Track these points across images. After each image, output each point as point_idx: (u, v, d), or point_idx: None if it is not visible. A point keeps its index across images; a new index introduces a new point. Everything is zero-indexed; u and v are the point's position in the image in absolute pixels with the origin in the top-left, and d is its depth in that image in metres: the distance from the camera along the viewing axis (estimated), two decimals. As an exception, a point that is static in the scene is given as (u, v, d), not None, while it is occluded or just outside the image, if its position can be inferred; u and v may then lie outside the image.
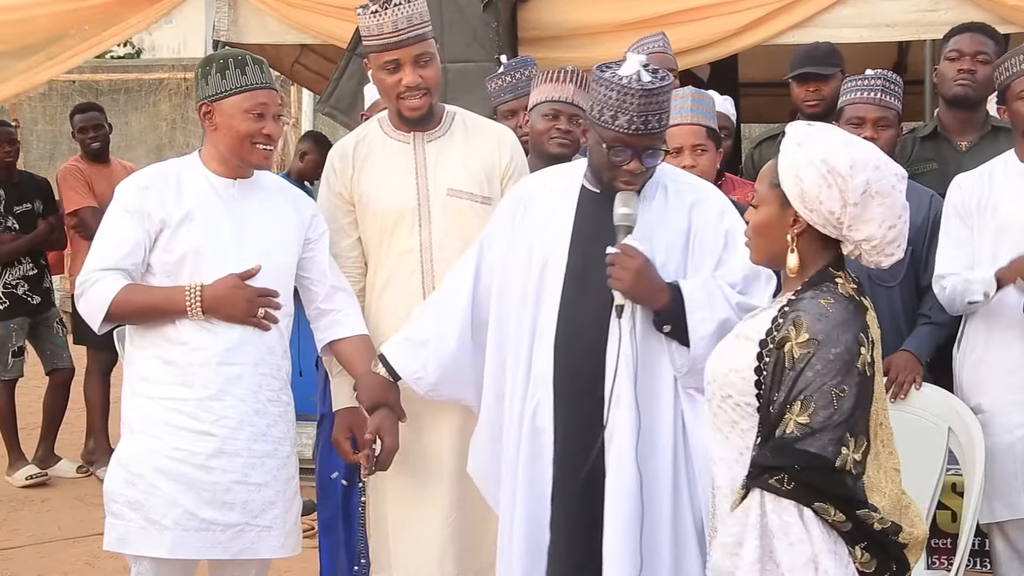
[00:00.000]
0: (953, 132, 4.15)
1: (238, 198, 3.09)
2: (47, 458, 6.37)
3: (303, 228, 3.19)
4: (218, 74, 3.01)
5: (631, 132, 2.71)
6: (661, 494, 2.74)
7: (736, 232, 2.81)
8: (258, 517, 3.04)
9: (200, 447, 2.97)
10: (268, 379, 3.07)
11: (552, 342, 2.81)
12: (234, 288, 2.98)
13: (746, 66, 6.40)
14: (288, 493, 3.13)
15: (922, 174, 4.08)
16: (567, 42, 5.01)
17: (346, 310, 3.23)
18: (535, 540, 2.81)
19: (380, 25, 3.16)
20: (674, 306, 2.73)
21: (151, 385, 3.01)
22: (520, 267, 2.91)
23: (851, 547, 2.19)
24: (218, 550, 3.00)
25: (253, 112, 3.01)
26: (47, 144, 13.11)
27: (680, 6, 5.05)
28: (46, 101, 12.73)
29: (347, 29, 5.30)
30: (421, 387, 3.08)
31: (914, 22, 4.89)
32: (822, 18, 4.97)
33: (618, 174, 2.76)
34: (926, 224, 3.70)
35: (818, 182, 2.25)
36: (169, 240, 2.99)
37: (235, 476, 3.00)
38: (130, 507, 2.97)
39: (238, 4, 5.71)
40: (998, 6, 4.70)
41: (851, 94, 3.74)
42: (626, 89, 2.68)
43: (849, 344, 2.21)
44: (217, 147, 3.07)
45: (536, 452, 2.82)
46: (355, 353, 3.18)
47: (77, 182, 6.23)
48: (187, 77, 12.71)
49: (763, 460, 2.22)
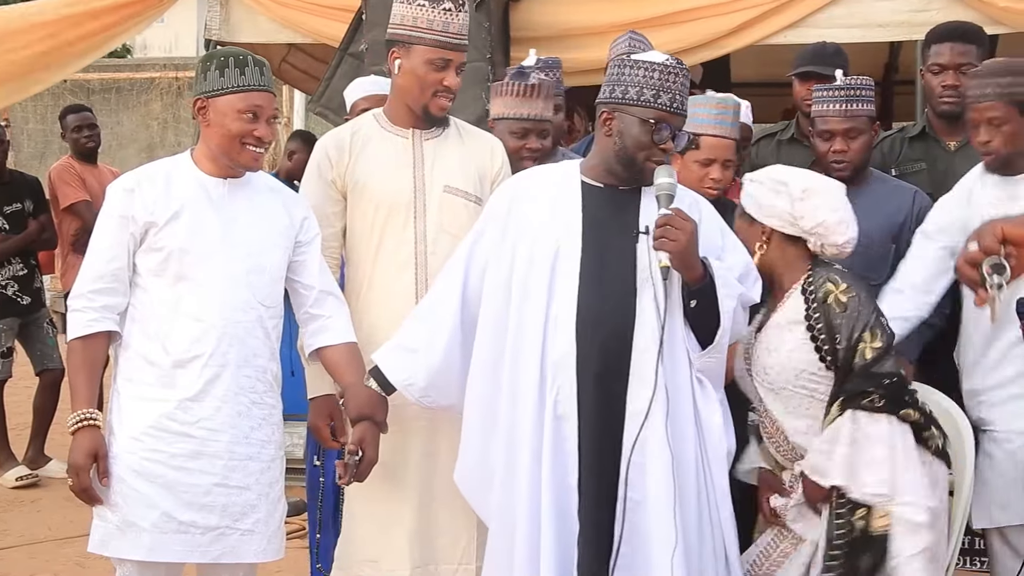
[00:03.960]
0: (942, 132, 4.16)
1: (227, 197, 3.07)
2: (37, 458, 6.35)
3: (294, 230, 3.17)
4: (217, 71, 3.00)
5: (673, 109, 2.85)
6: (687, 473, 2.83)
7: (728, 232, 3.05)
8: (239, 521, 3.01)
9: (179, 448, 2.94)
10: (252, 381, 3.05)
11: (573, 329, 2.84)
12: (75, 465, 2.89)
13: (738, 66, 6.41)
14: (271, 496, 3.10)
15: (911, 174, 4.10)
16: (559, 43, 5.01)
17: (335, 316, 3.21)
18: (567, 530, 2.82)
19: (446, 23, 3.23)
20: (706, 281, 2.84)
21: (133, 386, 2.99)
22: (521, 262, 2.92)
23: (923, 433, 2.92)
24: (197, 553, 2.98)
25: (246, 113, 3.00)
26: (38, 143, 13.09)
27: (673, 7, 5.06)
28: (37, 100, 12.69)
29: (338, 28, 5.31)
30: (412, 393, 3.09)
31: (905, 22, 4.91)
32: (814, 19, 4.99)
33: (653, 153, 2.87)
34: (910, 220, 3.73)
35: (768, 194, 3.10)
36: (155, 239, 2.98)
37: (215, 479, 2.97)
38: (110, 508, 2.95)
39: (230, 3, 5.71)
40: (988, 7, 4.71)
41: (819, 104, 3.75)
42: (669, 68, 2.84)
43: (868, 289, 3.09)
44: (208, 144, 3.06)
45: (560, 441, 2.84)
46: (342, 361, 3.16)
47: (71, 177, 6.31)
48: (178, 76, 12.71)
49: (855, 387, 2.91)
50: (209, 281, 2.99)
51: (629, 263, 2.87)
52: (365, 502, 3.33)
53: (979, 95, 3.47)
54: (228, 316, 3.00)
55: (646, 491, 2.78)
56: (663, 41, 4.44)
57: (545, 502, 2.82)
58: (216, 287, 2.99)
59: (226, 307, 3.00)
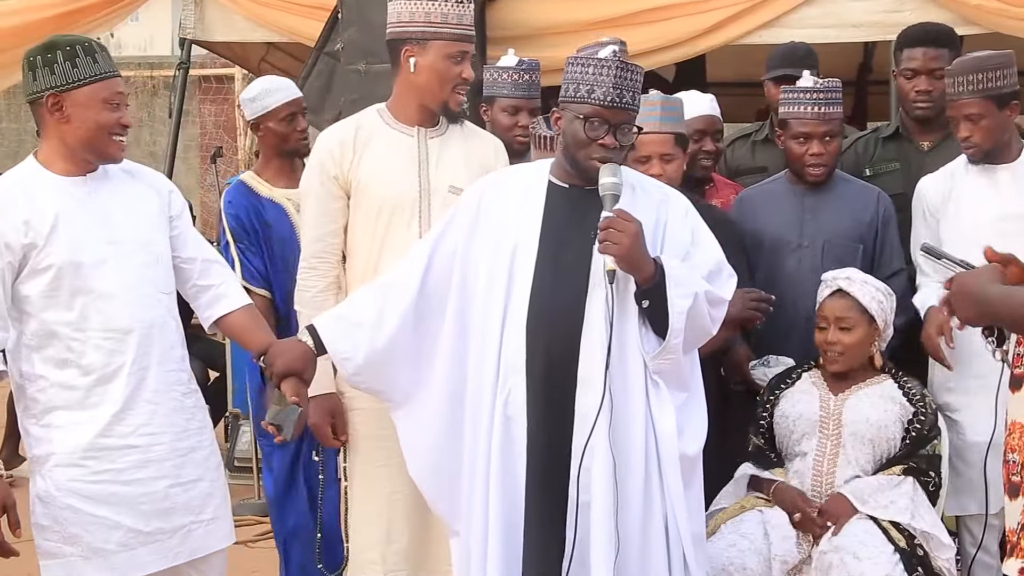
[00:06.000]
0: (915, 133, 4.18)
1: (95, 195, 2.91)
2: (11, 459, 6.30)
3: (165, 207, 3.04)
4: (67, 62, 2.81)
5: (607, 104, 2.78)
6: (633, 478, 2.77)
7: (701, 228, 2.98)
8: (200, 513, 2.98)
9: (125, 462, 2.87)
10: (177, 374, 2.98)
11: (524, 329, 2.82)
12: None
13: (714, 66, 6.43)
14: (220, 481, 3.08)
15: (885, 174, 4.12)
16: (535, 41, 5.01)
17: (226, 282, 3.13)
18: (515, 531, 2.81)
19: (460, 16, 3.21)
20: (656, 280, 2.77)
21: (53, 415, 2.85)
22: (485, 258, 2.91)
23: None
24: (170, 557, 2.93)
25: (112, 102, 2.86)
26: (12, 142, 12.99)
27: (647, 5, 5.07)
28: (11, 99, 12.59)
29: (314, 27, 5.29)
30: (346, 368, 3.01)
31: (879, 23, 4.92)
32: (789, 18, 5.00)
33: (593, 150, 2.81)
34: (875, 221, 3.79)
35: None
36: (38, 260, 2.80)
37: (168, 480, 2.92)
38: (67, 542, 2.84)
39: (204, 1, 5.69)
40: (961, 6, 4.74)
41: (794, 107, 3.75)
42: (601, 62, 2.79)
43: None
44: (64, 141, 2.87)
45: (508, 442, 2.82)
46: (250, 325, 3.10)
47: None
48: (153, 75, 12.63)
49: (925, 466, 3.41)
50: (109, 287, 2.86)
51: (584, 264, 2.82)
52: (365, 501, 3.29)
53: (955, 92, 3.53)
54: (140, 317, 2.89)
55: (592, 495, 2.75)
56: (637, 40, 4.46)
57: (493, 503, 2.80)
58: (118, 292, 2.87)
59: (135, 309, 2.89)
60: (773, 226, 3.83)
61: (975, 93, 3.49)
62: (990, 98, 3.50)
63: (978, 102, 3.50)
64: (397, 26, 3.26)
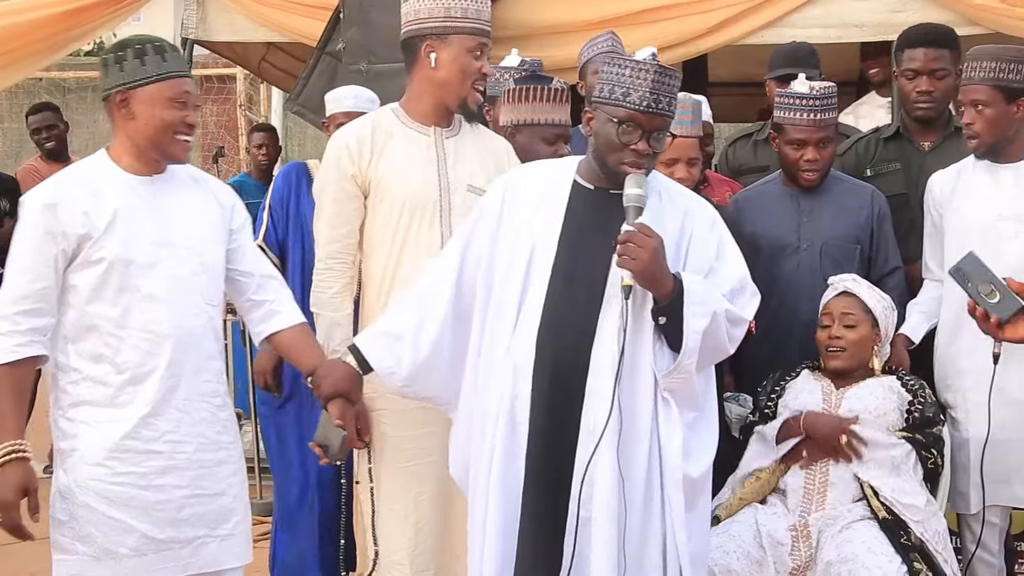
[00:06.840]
0: (916, 133, 4.18)
1: (158, 196, 2.93)
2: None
3: (227, 219, 3.05)
4: (136, 60, 2.85)
5: (642, 109, 2.72)
6: (634, 497, 2.73)
7: (727, 242, 2.90)
8: (216, 528, 2.94)
9: (147, 467, 2.85)
10: (212, 385, 2.96)
11: (535, 335, 2.78)
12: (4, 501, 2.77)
13: (715, 66, 6.43)
14: (244, 499, 3.05)
15: (885, 174, 4.13)
16: (537, 41, 5.00)
17: (280, 299, 3.13)
18: (510, 541, 2.78)
19: (479, 11, 3.21)
20: (674, 297, 2.71)
21: (82, 410, 2.86)
22: (505, 257, 2.87)
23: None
24: (180, 568, 2.90)
25: (177, 100, 2.88)
26: (14, 142, 13.00)
27: (649, 5, 5.06)
28: (12, 99, 12.61)
29: (316, 27, 5.29)
30: (394, 382, 3.00)
31: (882, 23, 4.92)
32: (791, 18, 4.99)
33: (625, 155, 2.75)
34: (870, 221, 3.81)
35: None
36: (91, 252, 2.81)
37: (187, 491, 2.89)
38: (80, 541, 2.83)
39: (206, 1, 5.68)
40: (964, 6, 4.73)
41: (789, 112, 3.75)
42: (640, 66, 2.72)
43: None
44: (133, 140, 2.90)
45: (511, 448, 2.79)
46: (300, 343, 3.10)
47: (33, 179, 6.24)
48: (155, 75, 12.65)
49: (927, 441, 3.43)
50: (156, 290, 2.86)
51: (601, 274, 2.77)
52: (394, 502, 3.25)
53: (967, 77, 3.55)
54: (180, 324, 2.89)
55: (592, 511, 2.70)
56: (639, 39, 4.44)
57: (492, 509, 2.78)
58: (164, 295, 2.87)
59: (177, 315, 2.88)
60: (770, 229, 3.84)
61: (985, 80, 3.50)
62: (999, 88, 3.50)
63: (986, 90, 3.50)
64: (415, 23, 3.23)
